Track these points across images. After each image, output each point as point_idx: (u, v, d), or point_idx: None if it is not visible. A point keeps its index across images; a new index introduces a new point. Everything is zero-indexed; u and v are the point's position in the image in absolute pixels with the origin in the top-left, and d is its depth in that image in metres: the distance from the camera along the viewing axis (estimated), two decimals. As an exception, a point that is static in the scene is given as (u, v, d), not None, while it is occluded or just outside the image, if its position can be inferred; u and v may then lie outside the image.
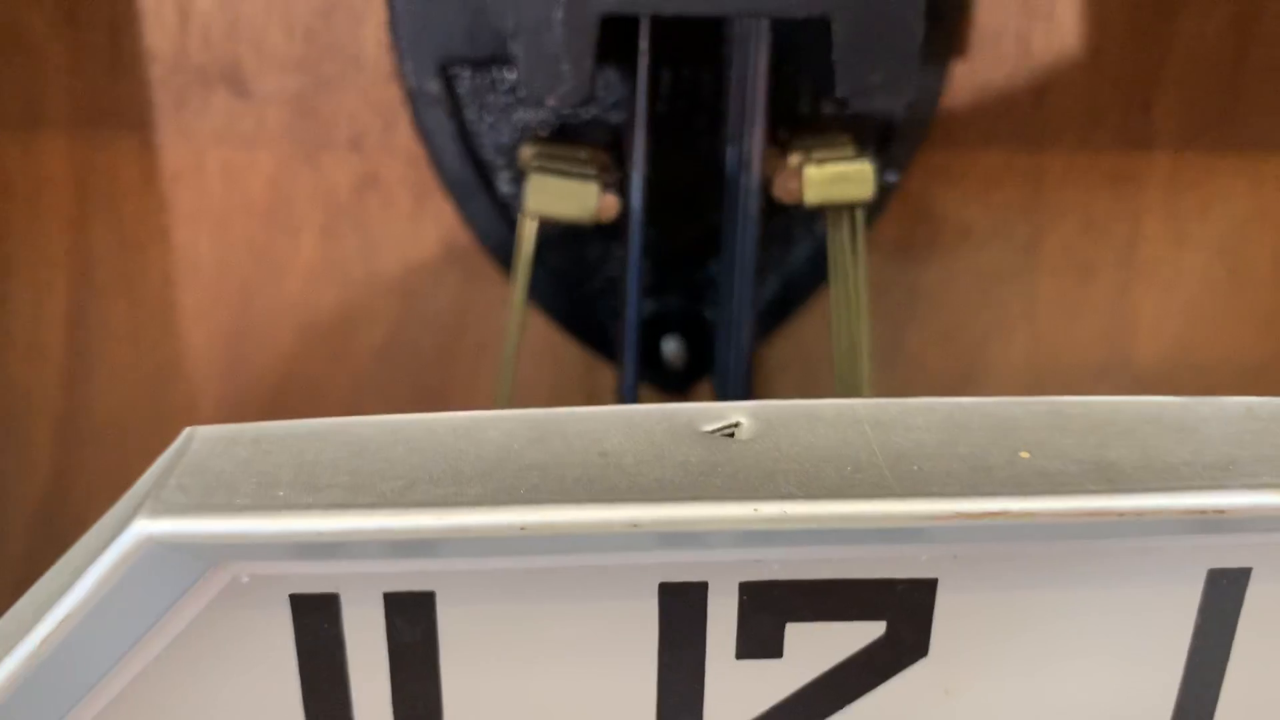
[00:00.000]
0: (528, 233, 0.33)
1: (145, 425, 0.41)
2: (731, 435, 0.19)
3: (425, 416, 0.19)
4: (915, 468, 0.18)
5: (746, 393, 0.37)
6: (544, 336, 0.40)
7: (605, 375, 0.41)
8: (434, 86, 0.36)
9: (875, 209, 0.39)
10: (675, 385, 0.41)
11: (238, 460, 0.18)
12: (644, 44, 0.31)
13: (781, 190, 0.32)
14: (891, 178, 0.32)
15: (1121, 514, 0.18)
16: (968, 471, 0.18)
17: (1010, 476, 0.18)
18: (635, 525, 0.17)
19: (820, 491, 0.18)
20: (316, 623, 0.19)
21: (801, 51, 0.34)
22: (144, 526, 0.17)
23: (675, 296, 0.40)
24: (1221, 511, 0.18)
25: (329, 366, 0.41)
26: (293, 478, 0.18)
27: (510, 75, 0.36)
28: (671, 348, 0.40)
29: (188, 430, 0.19)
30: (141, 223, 0.39)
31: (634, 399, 0.36)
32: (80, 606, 0.17)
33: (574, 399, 0.42)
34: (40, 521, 0.42)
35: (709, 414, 0.19)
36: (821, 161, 0.32)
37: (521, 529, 0.17)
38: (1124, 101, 0.39)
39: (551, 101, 0.29)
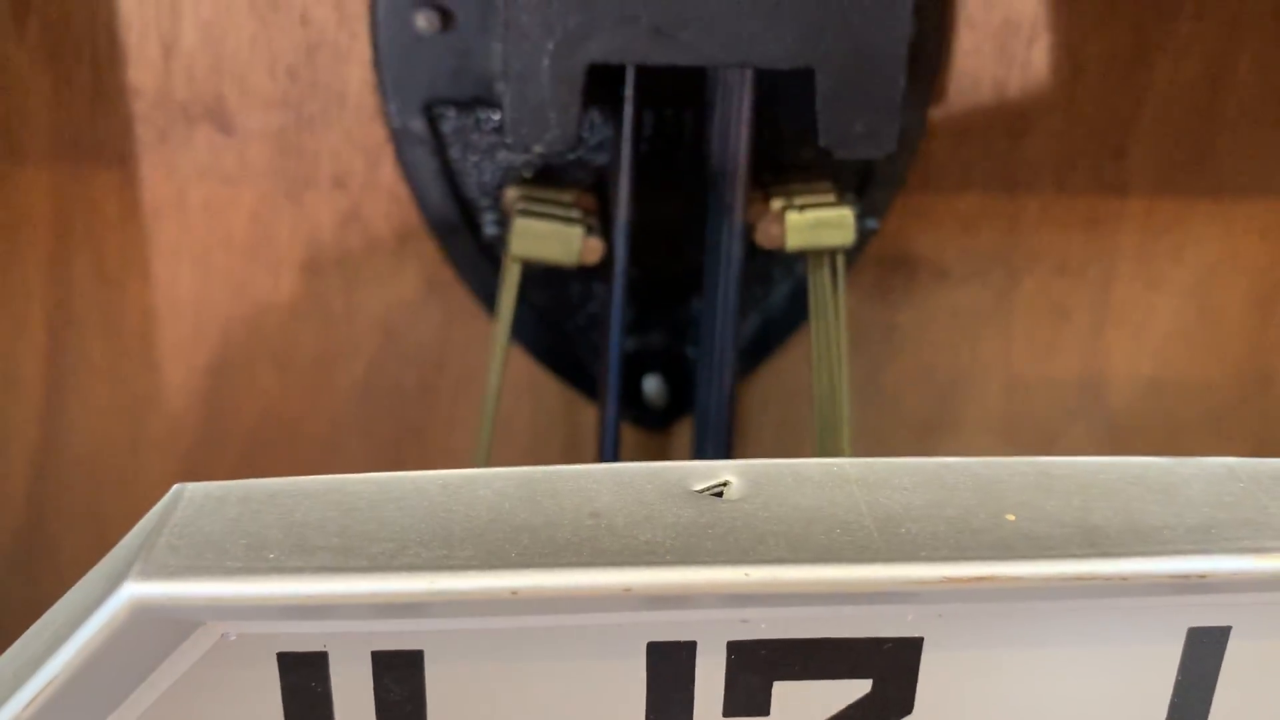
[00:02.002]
0: (511, 276, 0.33)
1: (122, 459, 0.41)
2: (720, 494, 0.19)
3: (416, 475, 0.19)
4: (903, 530, 0.18)
5: (728, 431, 0.37)
6: (525, 373, 0.40)
7: (585, 412, 0.41)
8: (418, 126, 0.36)
9: (854, 250, 0.39)
10: (656, 423, 0.41)
11: (227, 520, 0.18)
12: (629, 91, 0.31)
13: (764, 236, 0.32)
14: (872, 224, 0.33)
15: (1106, 579, 0.18)
16: (955, 534, 0.18)
17: (997, 540, 0.18)
18: (628, 590, 0.17)
19: (809, 555, 0.18)
20: (304, 681, 0.19)
21: (783, 98, 0.34)
22: (134, 589, 0.17)
23: (656, 334, 0.40)
24: (1203, 576, 0.18)
25: (309, 402, 0.41)
26: (282, 538, 0.18)
27: (494, 116, 0.36)
28: (653, 386, 0.40)
29: (176, 487, 0.19)
30: (122, 258, 0.38)
31: (616, 439, 0.36)
32: (68, 666, 0.17)
33: (554, 435, 0.42)
34: (15, 552, 0.42)
35: (698, 473, 0.19)
36: (803, 208, 0.32)
37: (513, 594, 0.17)
38: (1099, 147, 0.39)
39: (539, 149, 0.29)
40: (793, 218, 0.32)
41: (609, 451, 0.36)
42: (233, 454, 0.41)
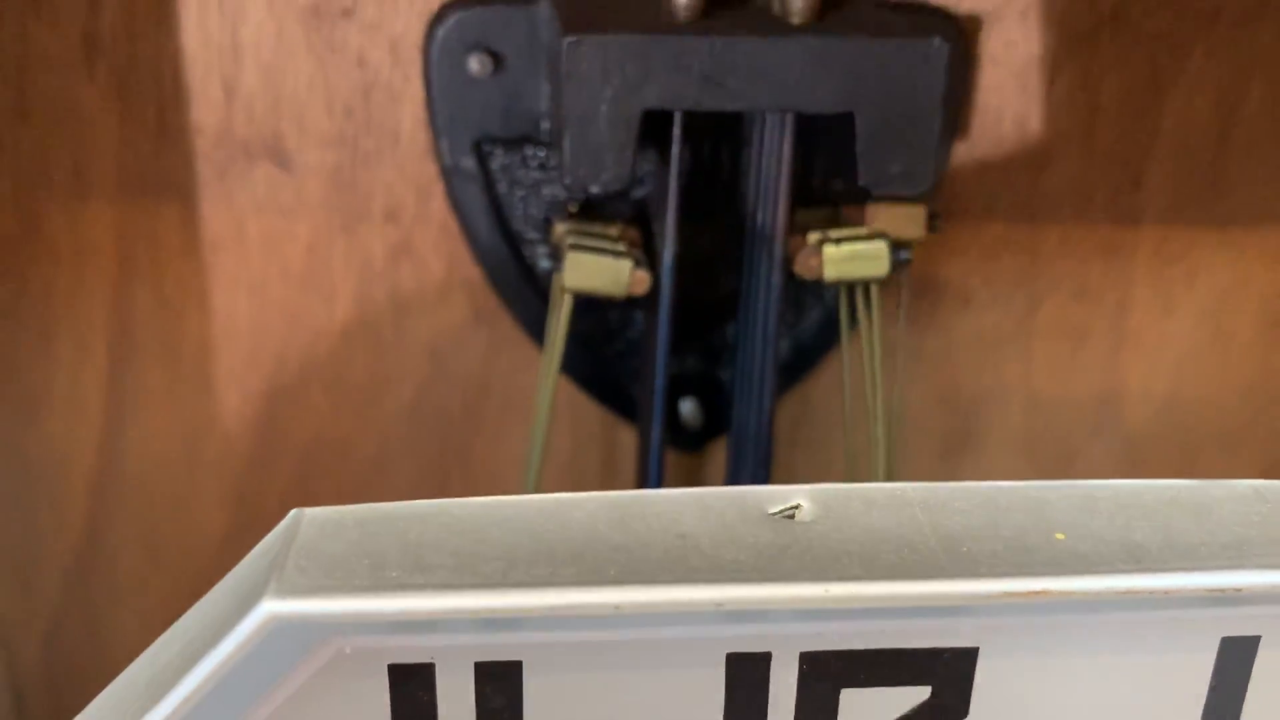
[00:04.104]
0: (565, 307, 0.34)
1: (178, 480, 0.43)
2: (793, 517, 0.21)
3: (514, 499, 0.21)
4: (964, 548, 0.20)
5: (767, 452, 0.39)
6: (565, 395, 0.42)
7: (623, 432, 0.43)
8: (468, 163, 0.38)
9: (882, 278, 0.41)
10: (691, 444, 0.43)
11: (348, 541, 0.20)
12: (677, 132, 0.33)
13: (802, 267, 0.34)
14: (905, 256, 0.34)
15: (1149, 593, 0.20)
16: (1010, 552, 0.20)
17: (1049, 557, 0.20)
18: (719, 605, 0.19)
19: (882, 572, 0.19)
20: (412, 691, 0.20)
21: (818, 134, 0.36)
22: (272, 606, 0.18)
23: (692, 358, 0.42)
24: (1238, 590, 0.20)
25: (358, 425, 0.42)
26: (400, 558, 0.19)
27: (540, 153, 0.38)
28: (688, 408, 0.42)
29: (295, 513, 0.21)
30: (182, 288, 0.40)
31: (660, 461, 0.38)
32: (210, 677, 0.19)
33: (592, 455, 0.44)
34: (74, 570, 0.43)
35: (773, 497, 0.21)
36: (839, 241, 0.34)
37: (616, 608, 0.19)
38: (1115, 179, 0.41)
39: (595, 189, 0.31)
40: (830, 250, 0.34)
41: (653, 473, 0.38)
42: (285, 475, 0.43)
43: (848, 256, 0.34)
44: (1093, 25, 0.39)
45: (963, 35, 0.38)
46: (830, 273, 0.34)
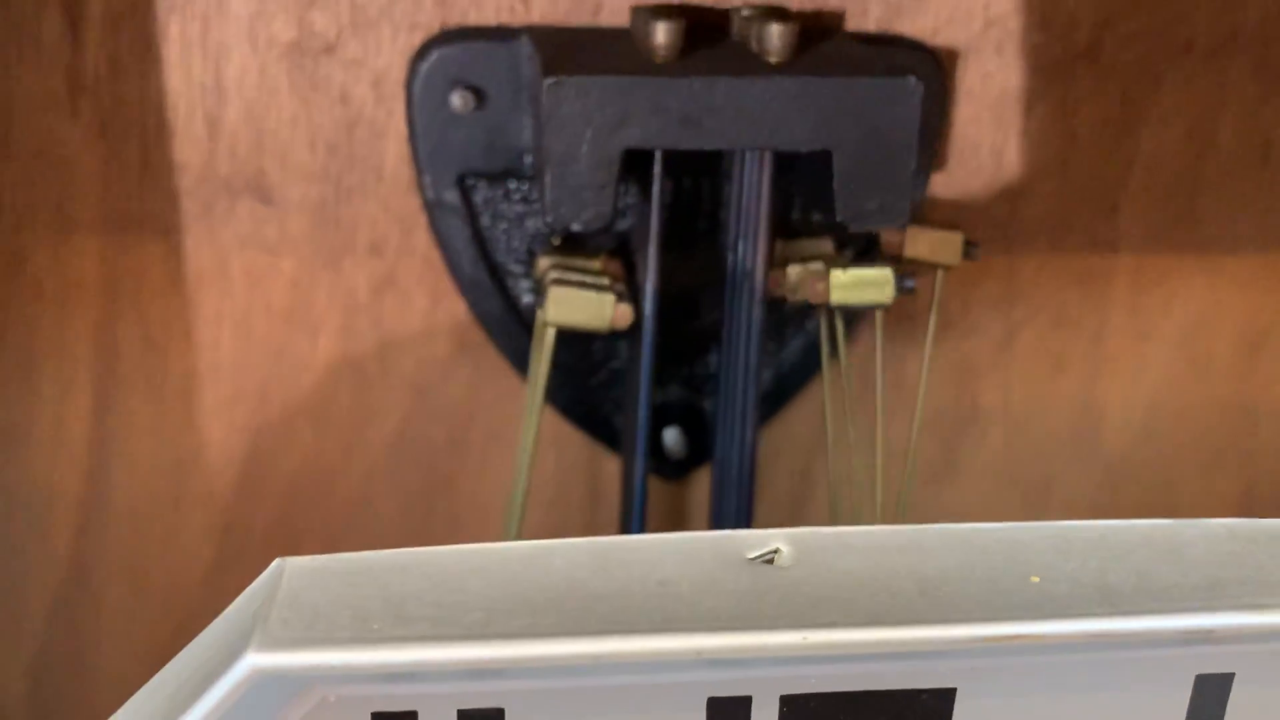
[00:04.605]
0: (547, 341, 0.35)
1: (163, 515, 0.43)
2: (771, 561, 0.21)
3: (494, 547, 0.21)
4: (940, 592, 0.20)
5: (750, 482, 0.39)
6: (549, 425, 0.42)
7: (607, 462, 0.43)
8: (451, 197, 0.38)
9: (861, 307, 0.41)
10: (674, 473, 0.43)
11: (331, 593, 0.20)
12: (658, 169, 0.33)
13: (809, 291, 0.35)
14: (909, 284, 0.35)
15: (1122, 636, 0.20)
16: (986, 595, 0.20)
17: (1024, 600, 0.20)
18: (699, 653, 0.19)
19: (860, 618, 0.20)
20: (396, 738, 0.21)
21: (796, 169, 0.37)
22: (255, 659, 0.19)
23: (675, 388, 0.42)
24: (1210, 631, 0.20)
25: (344, 458, 0.42)
26: (382, 610, 0.20)
27: (524, 187, 0.38)
28: (672, 437, 0.42)
29: (278, 561, 0.21)
30: (166, 323, 0.40)
31: (644, 491, 0.38)
32: (193, 732, 0.19)
33: (577, 485, 0.44)
34: (59, 606, 0.43)
35: (752, 541, 0.21)
36: (846, 266, 0.35)
37: (596, 659, 0.19)
38: (1091, 208, 0.42)
39: (577, 227, 0.31)
40: (837, 275, 0.34)
41: (637, 503, 0.38)
42: (270, 508, 0.43)
43: (854, 282, 0.35)
44: (1067, 58, 0.40)
45: (939, 69, 0.39)
46: (836, 297, 0.35)
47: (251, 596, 0.21)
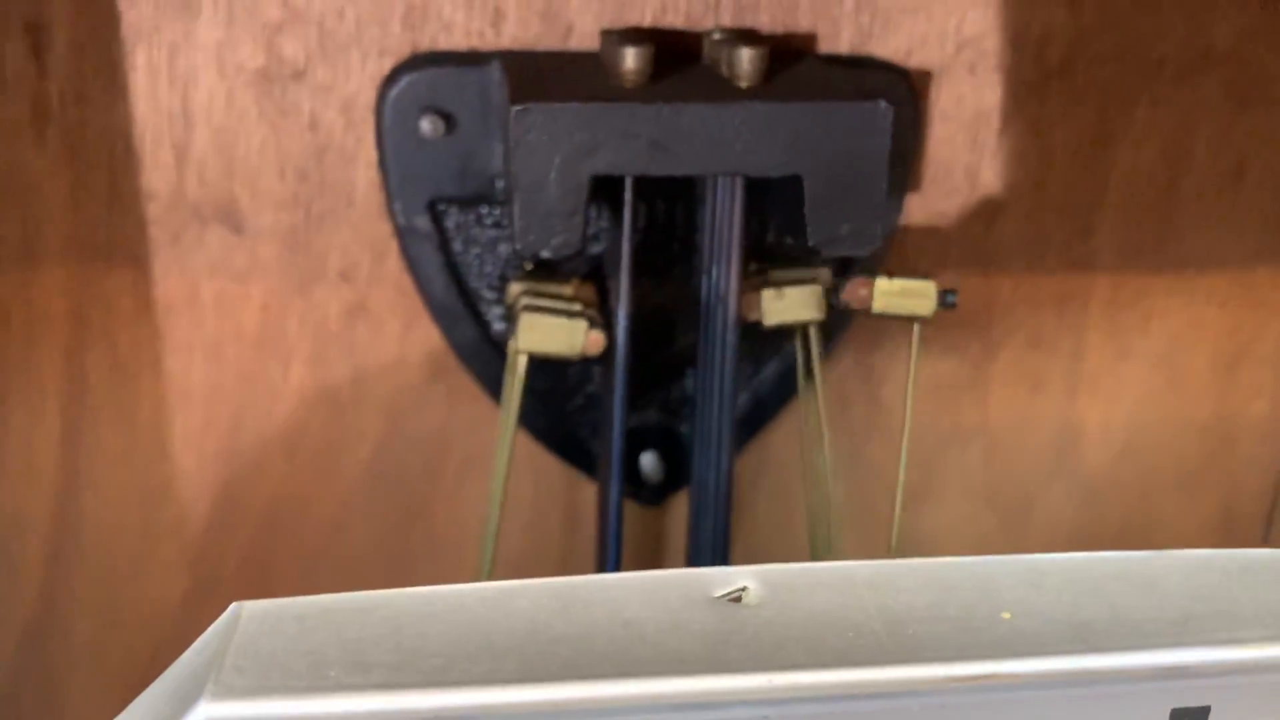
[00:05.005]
0: (520, 368, 0.34)
1: (134, 545, 0.42)
2: (739, 599, 0.21)
3: (456, 589, 0.21)
4: (909, 631, 0.20)
5: (727, 506, 0.38)
6: (525, 451, 0.42)
7: (584, 488, 0.43)
8: (423, 223, 0.38)
9: (839, 327, 0.41)
10: (652, 498, 0.43)
11: (287, 638, 0.20)
12: (629, 195, 0.33)
13: (852, 297, 0.35)
14: (951, 299, 0.35)
15: (1097, 674, 0.20)
16: (956, 634, 0.20)
17: (995, 639, 0.20)
18: (660, 700, 0.19)
19: (825, 659, 0.19)
20: (357, 785, 0.20)
21: (771, 192, 0.36)
22: (209, 709, 0.18)
23: (651, 412, 0.42)
24: (1185, 667, 0.20)
25: (317, 486, 0.42)
26: (340, 656, 0.19)
27: (495, 212, 0.38)
28: (649, 462, 0.42)
29: (235, 606, 0.21)
30: (136, 352, 0.40)
31: (620, 516, 0.38)
32: (146, 785, 0.18)
33: (553, 510, 0.44)
34: (28, 637, 0.43)
35: (717, 579, 0.21)
36: (891, 274, 0.34)
37: (557, 705, 0.18)
38: (1067, 228, 0.42)
39: (546, 253, 0.31)
40: (882, 283, 0.34)
41: (613, 528, 0.38)
42: (244, 537, 0.42)
43: (899, 291, 0.35)
44: (1041, 78, 0.39)
45: (912, 90, 0.39)
46: (879, 305, 0.35)
47: (207, 642, 0.20)
